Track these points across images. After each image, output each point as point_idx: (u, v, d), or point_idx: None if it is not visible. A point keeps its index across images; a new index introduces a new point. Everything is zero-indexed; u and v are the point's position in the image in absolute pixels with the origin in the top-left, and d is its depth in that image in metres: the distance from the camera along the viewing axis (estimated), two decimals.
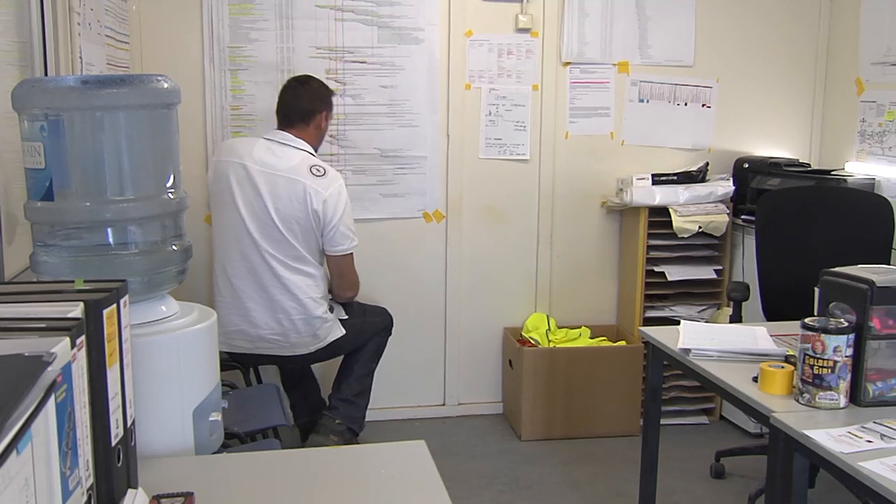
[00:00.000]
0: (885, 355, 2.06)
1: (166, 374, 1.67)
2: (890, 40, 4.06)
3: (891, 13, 4.05)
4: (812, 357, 2.01)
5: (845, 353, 1.99)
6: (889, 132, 4.06)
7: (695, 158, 4.39)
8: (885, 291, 2.00)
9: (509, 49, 4.18)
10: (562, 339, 4.28)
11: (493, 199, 4.31)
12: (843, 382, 2.01)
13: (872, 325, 2.01)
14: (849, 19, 4.32)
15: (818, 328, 2.00)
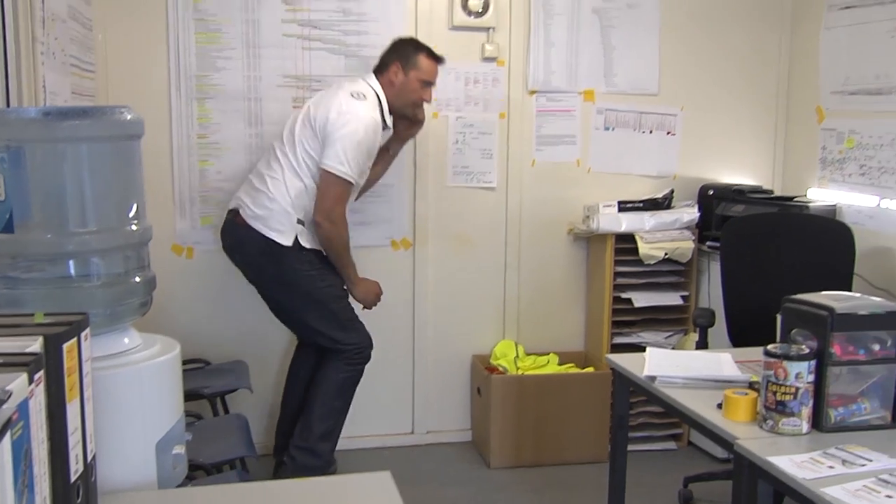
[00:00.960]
0: (846, 381, 2.09)
1: (128, 408, 1.66)
2: (848, 70, 4.13)
3: (848, 44, 4.13)
4: (775, 384, 2.03)
5: (807, 379, 2.01)
6: (849, 159, 4.13)
7: (660, 185, 4.44)
8: (845, 318, 2.03)
9: (476, 78, 4.21)
10: (530, 366, 4.29)
11: (461, 227, 4.32)
12: (806, 408, 2.03)
13: (833, 351, 2.04)
14: (808, 49, 4.40)
15: (780, 355, 2.02)
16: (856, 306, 2.07)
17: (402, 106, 3.63)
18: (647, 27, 4.38)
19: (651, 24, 4.39)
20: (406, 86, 3.57)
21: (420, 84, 3.59)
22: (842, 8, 4.18)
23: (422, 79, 3.58)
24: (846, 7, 4.15)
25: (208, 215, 4.05)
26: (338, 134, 3.41)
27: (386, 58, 3.62)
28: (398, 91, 3.58)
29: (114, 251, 1.72)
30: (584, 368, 4.33)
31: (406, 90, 3.58)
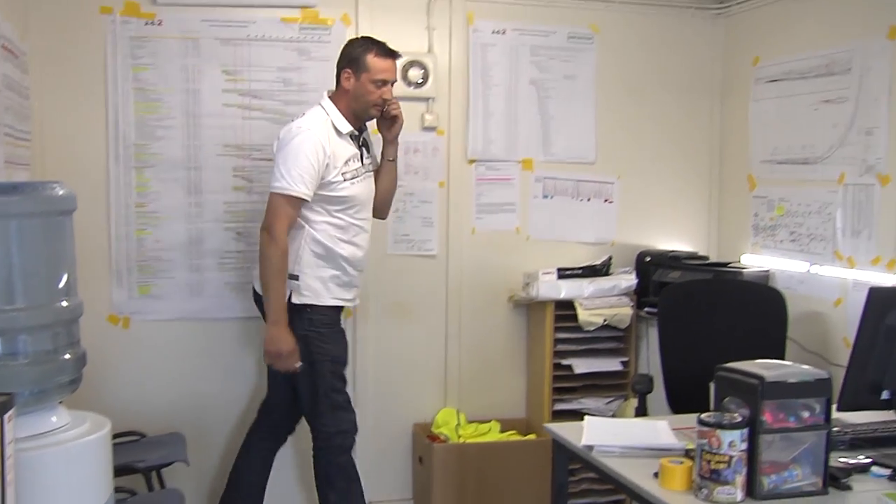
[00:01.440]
0: (778, 448, 2.12)
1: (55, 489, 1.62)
2: (776, 140, 4.27)
3: (775, 115, 4.27)
4: (709, 452, 2.05)
5: (740, 447, 2.04)
6: (780, 226, 4.24)
7: (599, 252, 4.50)
8: (775, 386, 2.07)
9: (416, 147, 4.26)
10: (472, 434, 4.27)
11: (402, 295, 4.32)
12: (740, 476, 2.05)
13: (764, 419, 2.07)
14: (739, 120, 4.54)
15: (713, 424, 2.05)
16: (785, 374, 2.11)
17: (362, 110, 3.48)
18: (584, 98, 4.49)
19: (587, 94, 4.50)
20: (359, 90, 3.44)
21: (373, 85, 3.44)
22: (769, 81, 4.33)
23: (373, 79, 3.44)
24: (773, 80, 4.30)
25: (146, 284, 4.00)
26: (276, 157, 3.39)
27: (337, 65, 3.51)
28: (353, 97, 3.45)
29: (42, 328, 1.70)
30: (526, 435, 4.32)
31: (361, 94, 3.45)
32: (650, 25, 4.59)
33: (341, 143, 3.44)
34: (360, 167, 3.51)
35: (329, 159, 3.36)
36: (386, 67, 3.48)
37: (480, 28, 4.34)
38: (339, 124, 3.44)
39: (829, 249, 3.94)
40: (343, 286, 3.52)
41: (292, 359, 3.39)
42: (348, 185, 3.43)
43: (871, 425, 2.56)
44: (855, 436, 2.49)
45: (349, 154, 3.46)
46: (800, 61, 4.12)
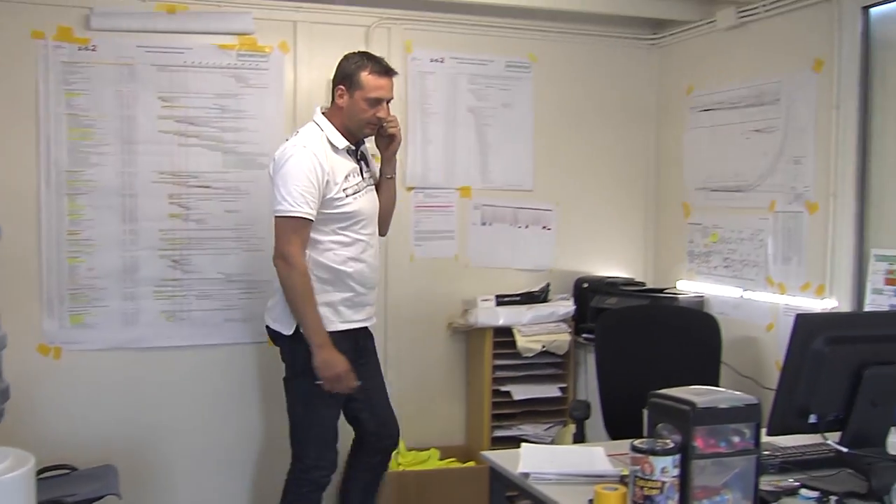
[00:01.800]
0: (710, 473, 2.14)
1: None
2: (710, 168, 4.35)
3: (708, 143, 4.36)
4: (642, 479, 2.06)
5: (672, 473, 2.05)
6: (714, 252, 4.32)
7: (537, 279, 4.53)
8: (706, 412, 2.09)
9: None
10: (411, 461, 4.25)
11: None
12: (672, 502, 2.06)
13: (696, 445, 2.09)
14: (674, 148, 4.63)
15: (646, 450, 2.06)
16: (716, 400, 2.14)
17: (356, 128, 3.39)
18: (522, 126, 4.53)
19: (525, 123, 4.55)
20: (353, 107, 3.34)
21: (367, 103, 3.34)
22: (702, 110, 4.42)
23: (367, 97, 3.33)
24: (706, 109, 4.39)
25: (78, 313, 3.92)
26: (274, 180, 3.30)
27: (333, 81, 3.43)
28: (348, 114, 3.36)
29: None
30: (465, 462, 4.32)
31: (354, 112, 3.35)
32: (587, 55, 4.66)
33: (339, 158, 3.36)
34: (360, 181, 3.43)
35: (328, 175, 3.28)
36: (380, 85, 3.36)
37: (419, 56, 4.37)
38: (334, 139, 3.36)
39: (762, 275, 4.02)
40: (355, 307, 3.43)
41: (350, 378, 3.31)
42: (351, 201, 3.35)
43: (801, 448, 2.61)
44: (785, 459, 2.53)
45: (348, 169, 3.38)
46: (731, 91, 4.21)
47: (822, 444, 2.44)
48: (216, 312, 4.10)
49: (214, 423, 4.12)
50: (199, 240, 4.06)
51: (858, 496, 2.26)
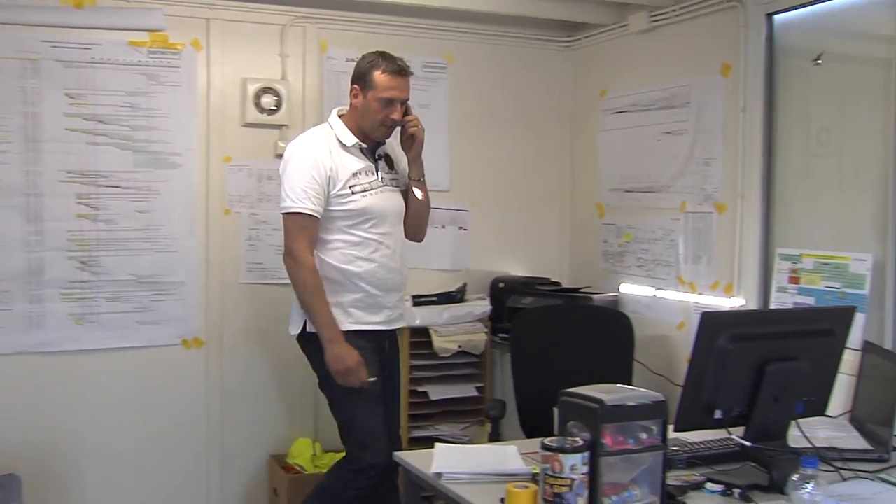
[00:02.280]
0: (619, 470, 2.17)
1: None
2: (623, 169, 4.43)
3: (622, 145, 4.44)
4: (551, 476, 2.08)
5: (581, 470, 2.08)
6: (627, 252, 4.39)
7: (454, 279, 4.55)
8: (614, 410, 2.12)
9: (269, 174, 4.20)
10: (328, 463, 4.19)
11: (256, 325, 4.25)
12: (581, 499, 2.09)
13: (605, 442, 2.12)
14: (588, 149, 4.69)
15: (555, 448, 2.08)
16: (624, 398, 2.17)
17: (370, 129, 3.30)
18: (437, 126, 4.53)
19: (441, 123, 4.55)
20: (367, 108, 3.27)
21: (380, 103, 3.25)
22: (615, 112, 4.49)
23: (380, 97, 3.24)
24: (619, 112, 4.47)
25: None
26: (282, 177, 3.28)
27: (350, 81, 3.37)
28: (361, 114, 3.29)
29: None
30: None
31: (368, 112, 3.27)
32: (503, 57, 4.69)
33: (347, 155, 3.30)
34: (375, 179, 3.34)
35: (331, 172, 3.23)
36: (394, 86, 3.26)
37: (334, 56, 4.34)
38: (342, 137, 3.30)
39: (673, 275, 4.10)
40: (368, 309, 3.33)
41: (362, 371, 3.23)
42: (359, 198, 3.27)
43: (708, 443, 2.67)
44: (692, 454, 2.58)
45: (358, 166, 3.30)
46: (643, 94, 4.29)
47: (728, 438, 2.50)
48: (127, 315, 4.01)
49: (125, 428, 4.03)
50: (108, 241, 3.97)
51: (761, 488, 2.32)
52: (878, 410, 2.82)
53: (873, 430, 2.80)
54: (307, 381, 4.28)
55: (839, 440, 2.75)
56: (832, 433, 2.83)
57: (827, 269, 3.35)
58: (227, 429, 4.22)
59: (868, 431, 2.83)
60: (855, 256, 3.26)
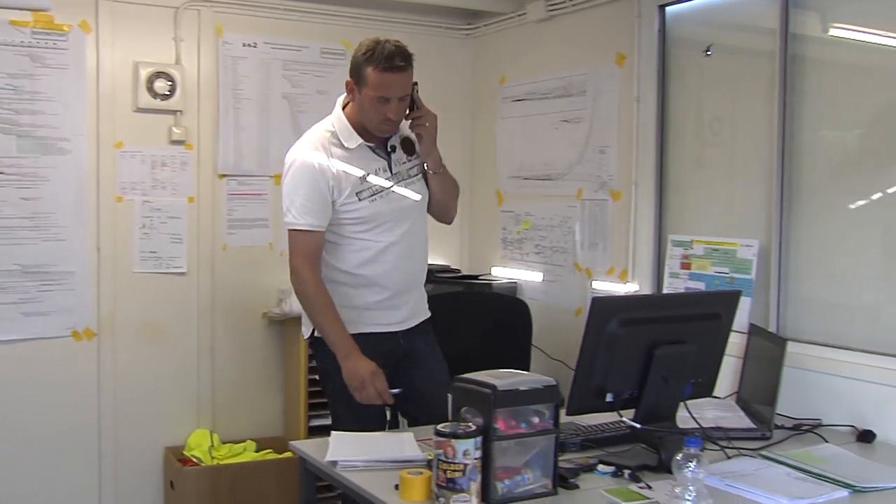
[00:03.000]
0: (512, 453, 2.19)
1: None
2: (521, 157, 4.47)
3: (521, 133, 4.48)
4: (444, 462, 2.09)
5: (474, 455, 2.09)
6: (525, 239, 4.44)
7: None
8: (506, 395, 2.14)
9: (163, 161, 4.11)
10: (226, 455, 4.16)
11: (150, 315, 4.15)
12: (474, 484, 2.10)
13: (497, 427, 2.14)
14: (487, 137, 4.72)
15: (448, 434, 2.09)
16: (516, 383, 2.19)
17: (371, 127, 2.96)
18: None
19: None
20: (363, 105, 2.91)
21: (374, 101, 2.88)
22: (514, 100, 4.53)
23: (372, 95, 2.87)
24: (518, 100, 4.50)
25: None
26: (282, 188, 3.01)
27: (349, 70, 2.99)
28: (360, 112, 2.95)
29: None
30: (282, 454, 4.25)
31: (364, 110, 2.92)
32: None
33: (353, 157, 2.97)
34: (388, 178, 3.02)
35: (333, 181, 2.91)
36: (386, 83, 2.87)
37: (230, 41, 4.26)
38: (345, 139, 2.97)
39: (570, 261, 4.17)
40: (386, 309, 3.07)
41: (379, 382, 2.92)
42: (367, 205, 2.96)
43: (601, 426, 2.72)
44: (585, 437, 2.63)
45: (366, 170, 2.98)
46: (541, 82, 4.34)
47: (619, 421, 2.55)
48: (12, 306, 3.87)
49: (12, 423, 3.89)
50: None
51: (650, 468, 2.38)
52: (762, 391, 2.92)
53: (757, 410, 2.90)
54: (204, 371, 4.24)
55: (725, 420, 2.85)
56: (719, 413, 2.92)
57: (716, 255, 3.45)
58: (121, 422, 4.11)
59: (753, 411, 2.94)
60: (742, 242, 3.36)
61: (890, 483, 2.32)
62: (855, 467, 2.43)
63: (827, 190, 3.16)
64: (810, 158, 3.20)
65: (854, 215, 3.07)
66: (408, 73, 2.91)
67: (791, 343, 2.92)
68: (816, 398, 2.99)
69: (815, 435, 2.80)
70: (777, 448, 2.62)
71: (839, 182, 3.12)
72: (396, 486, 2.24)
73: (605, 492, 2.23)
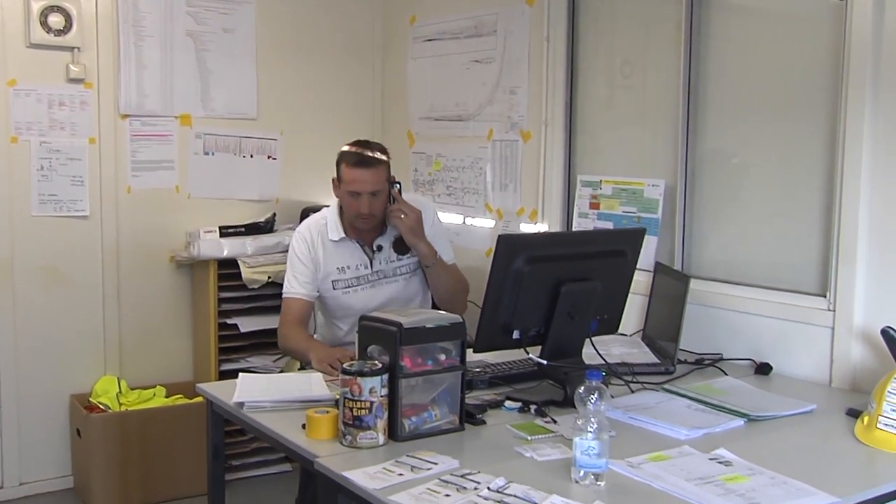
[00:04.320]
0: (419, 391, 2.21)
1: None
2: (433, 98, 4.43)
3: (432, 75, 4.44)
4: (351, 400, 2.09)
5: (380, 393, 2.09)
6: (437, 181, 4.42)
7: (263, 210, 4.46)
8: (412, 332, 2.14)
9: (61, 100, 3.96)
10: (134, 401, 4.10)
11: (51, 260, 4.03)
12: (381, 421, 2.11)
13: (403, 364, 2.14)
14: (398, 77, 4.67)
15: (354, 372, 2.08)
16: (422, 320, 2.19)
17: (352, 221, 3.13)
18: (244, 52, 4.39)
19: (247, 49, 4.41)
20: (342, 200, 3.12)
21: (348, 196, 3.07)
22: (425, 40, 4.48)
23: (345, 190, 3.07)
24: (428, 39, 4.45)
25: None
26: None
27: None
28: (342, 204, 3.15)
29: None
30: (193, 399, 4.21)
31: (343, 205, 3.13)
32: None
33: (335, 249, 3.15)
34: (366, 274, 3.17)
35: (313, 264, 3.14)
36: (354, 178, 3.05)
37: None
38: (330, 232, 3.15)
39: (481, 202, 4.17)
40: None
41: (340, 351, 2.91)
42: (339, 294, 3.15)
43: (509, 364, 2.75)
44: (493, 375, 2.65)
45: (345, 262, 3.15)
46: (452, 22, 4.29)
47: (527, 359, 2.58)
48: None
49: None
50: None
51: (556, 404, 2.42)
52: (666, 327, 2.98)
53: (662, 346, 2.97)
54: (110, 316, 4.14)
55: (631, 356, 2.90)
56: (625, 350, 2.98)
57: (624, 195, 3.49)
58: (22, 369, 4.00)
59: (657, 347, 3.00)
60: (649, 182, 3.40)
61: (782, 412, 2.40)
62: (751, 398, 2.51)
63: (731, 132, 3.21)
64: (716, 101, 3.24)
65: (756, 156, 3.13)
66: (377, 169, 3.08)
67: (694, 280, 2.98)
68: (718, 333, 3.07)
69: (716, 369, 2.88)
70: (680, 382, 2.69)
71: (743, 124, 3.17)
72: (304, 426, 2.23)
73: (511, 427, 2.26)
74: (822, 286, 2.85)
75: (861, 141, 2.67)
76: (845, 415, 2.40)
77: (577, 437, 1.88)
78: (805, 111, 2.94)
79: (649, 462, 2.01)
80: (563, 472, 1.94)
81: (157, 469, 3.97)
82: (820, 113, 2.88)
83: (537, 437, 2.18)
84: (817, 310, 2.82)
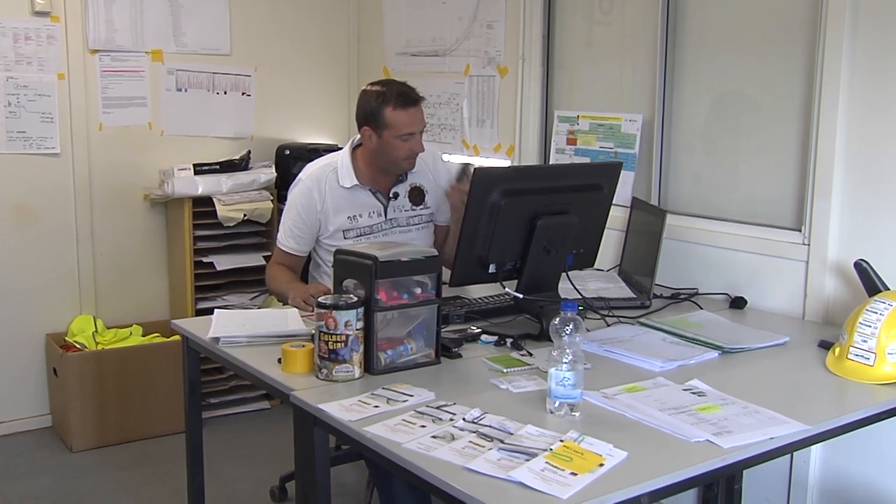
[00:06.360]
0: (394, 324, 2.20)
1: None
2: (409, 33, 4.37)
3: (408, 9, 4.37)
4: (326, 333, 2.08)
5: (356, 326, 2.09)
6: None
7: (237, 147, 4.41)
8: (388, 265, 2.14)
9: (27, 34, 3.87)
10: (111, 340, 4.09)
11: (22, 198, 3.98)
12: (357, 354, 2.11)
13: (379, 297, 2.13)
14: (374, 12, 4.59)
15: (329, 305, 2.08)
16: (398, 254, 2.18)
17: (394, 167, 2.99)
18: None
19: None
20: (385, 147, 2.92)
21: (397, 140, 2.90)
22: None
23: (397, 135, 2.90)
24: None
25: None
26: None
27: (357, 120, 2.99)
28: (379, 154, 2.96)
29: None
30: (169, 337, 4.20)
31: (388, 151, 2.93)
32: None
33: (347, 196, 3.00)
34: (379, 222, 3.04)
35: (321, 215, 2.99)
36: (409, 120, 2.90)
37: None
38: (342, 179, 2.99)
39: (458, 139, 4.14)
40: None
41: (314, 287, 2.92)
42: (350, 244, 2.92)
43: (488, 299, 2.75)
44: (470, 309, 2.66)
45: (355, 210, 3.01)
46: None
47: (504, 293, 2.58)
48: None
49: None
50: None
51: (532, 337, 2.43)
52: (642, 262, 2.99)
53: (638, 281, 2.98)
54: (85, 255, 4.11)
55: (607, 290, 2.91)
56: (601, 285, 2.99)
57: (601, 130, 3.47)
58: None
59: (634, 282, 3.01)
60: (626, 117, 3.39)
61: (755, 344, 2.42)
62: (725, 331, 2.53)
63: (710, 67, 3.19)
64: (695, 36, 3.21)
65: (734, 92, 3.11)
66: (421, 106, 2.97)
67: (671, 215, 2.98)
68: (694, 268, 3.08)
69: (692, 303, 2.89)
70: (655, 316, 2.70)
71: (721, 59, 3.14)
72: (279, 360, 2.23)
73: (486, 359, 2.26)
74: (798, 220, 2.85)
75: (839, 75, 2.65)
76: (817, 346, 2.42)
77: (552, 368, 1.89)
78: (783, 45, 2.92)
79: (624, 393, 2.03)
80: (538, 404, 1.95)
81: (135, 407, 3.98)
82: (798, 47, 2.86)
83: (513, 369, 2.19)
84: (792, 244, 2.83)
